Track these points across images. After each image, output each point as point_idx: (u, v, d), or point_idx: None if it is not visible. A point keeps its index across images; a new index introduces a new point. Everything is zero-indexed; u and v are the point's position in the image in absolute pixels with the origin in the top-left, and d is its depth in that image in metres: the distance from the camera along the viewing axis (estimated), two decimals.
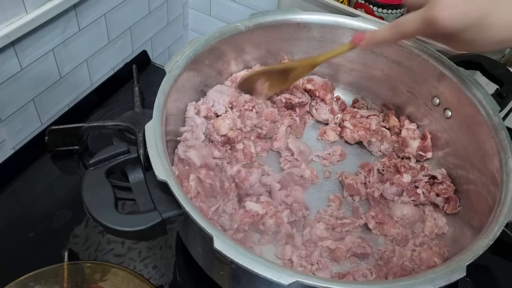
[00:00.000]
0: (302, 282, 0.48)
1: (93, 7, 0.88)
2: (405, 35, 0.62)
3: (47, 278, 0.61)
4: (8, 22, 0.73)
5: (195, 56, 0.68)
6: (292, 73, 0.76)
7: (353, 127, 0.80)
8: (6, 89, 0.79)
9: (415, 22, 0.57)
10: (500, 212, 0.56)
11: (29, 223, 0.74)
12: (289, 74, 0.76)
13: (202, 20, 1.22)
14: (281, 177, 0.73)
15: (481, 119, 0.66)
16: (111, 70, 1.03)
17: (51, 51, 0.84)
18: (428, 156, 0.77)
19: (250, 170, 0.70)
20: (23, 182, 0.80)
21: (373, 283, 0.59)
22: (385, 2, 0.85)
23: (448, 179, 0.72)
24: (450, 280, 0.49)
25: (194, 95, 0.74)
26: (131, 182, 0.60)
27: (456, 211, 0.70)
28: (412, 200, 0.72)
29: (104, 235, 0.74)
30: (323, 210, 0.72)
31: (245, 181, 0.69)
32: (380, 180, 0.75)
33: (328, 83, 0.84)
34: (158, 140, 0.57)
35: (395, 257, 0.65)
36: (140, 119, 0.84)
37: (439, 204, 0.71)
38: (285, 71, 0.76)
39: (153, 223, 0.54)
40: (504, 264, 0.76)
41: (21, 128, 0.87)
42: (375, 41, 0.64)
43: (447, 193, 0.70)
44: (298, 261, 0.66)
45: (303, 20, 0.77)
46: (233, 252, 0.49)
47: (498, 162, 0.62)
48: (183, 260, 0.73)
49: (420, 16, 0.56)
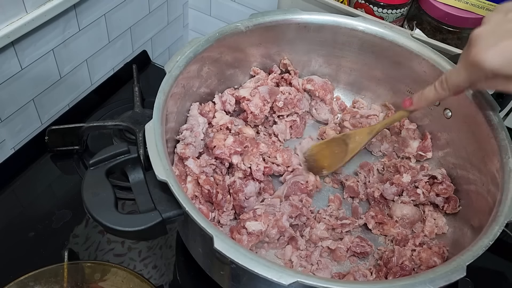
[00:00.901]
0: (302, 282, 0.48)
1: (93, 7, 0.88)
2: (453, 88, 0.57)
3: (47, 278, 0.61)
4: (8, 22, 0.73)
5: (195, 56, 0.68)
6: (350, 142, 0.73)
7: (353, 127, 0.80)
8: (6, 89, 0.79)
9: (459, 72, 0.54)
10: (500, 212, 0.56)
11: (29, 223, 0.74)
12: (347, 144, 0.74)
13: (202, 20, 1.22)
14: (287, 188, 0.71)
15: (481, 119, 0.66)
16: (111, 70, 1.03)
17: (51, 51, 0.84)
18: (428, 156, 0.77)
19: (246, 182, 0.68)
20: (23, 182, 0.80)
21: (373, 283, 0.59)
22: (385, 2, 0.85)
23: (448, 179, 0.72)
24: (450, 280, 0.49)
25: (194, 95, 0.74)
26: (131, 182, 0.60)
27: (456, 211, 0.70)
28: (412, 200, 0.71)
29: (104, 235, 0.74)
30: (323, 210, 0.72)
31: (239, 192, 0.67)
32: (380, 180, 0.76)
33: (328, 83, 0.84)
34: (158, 140, 0.57)
35: (395, 257, 0.65)
36: (140, 119, 0.84)
37: (439, 204, 0.71)
38: (342, 140, 0.74)
39: (153, 223, 0.54)
40: (504, 264, 0.76)
41: (21, 128, 0.87)
42: (422, 103, 0.63)
43: (447, 193, 0.70)
44: (298, 261, 0.66)
45: (303, 20, 0.77)
46: (233, 252, 0.49)
47: (498, 162, 0.62)
48: (183, 260, 0.73)
49: (462, 65, 0.54)
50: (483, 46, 0.50)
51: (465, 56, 0.53)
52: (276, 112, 0.79)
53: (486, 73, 0.51)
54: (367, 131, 0.73)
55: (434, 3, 0.83)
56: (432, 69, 0.73)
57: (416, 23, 0.87)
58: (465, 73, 0.54)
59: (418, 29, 0.85)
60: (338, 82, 0.87)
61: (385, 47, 0.77)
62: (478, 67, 0.51)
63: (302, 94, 0.83)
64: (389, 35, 0.76)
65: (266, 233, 0.64)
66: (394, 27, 0.77)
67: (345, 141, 0.74)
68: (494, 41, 0.50)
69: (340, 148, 0.74)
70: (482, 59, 0.50)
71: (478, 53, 0.50)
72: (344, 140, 0.74)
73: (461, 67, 0.54)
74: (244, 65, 0.81)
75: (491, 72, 0.51)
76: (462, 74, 0.54)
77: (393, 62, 0.78)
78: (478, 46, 0.51)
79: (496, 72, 0.50)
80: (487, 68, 0.50)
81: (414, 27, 0.87)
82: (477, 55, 0.50)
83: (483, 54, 0.50)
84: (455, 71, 0.56)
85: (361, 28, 0.77)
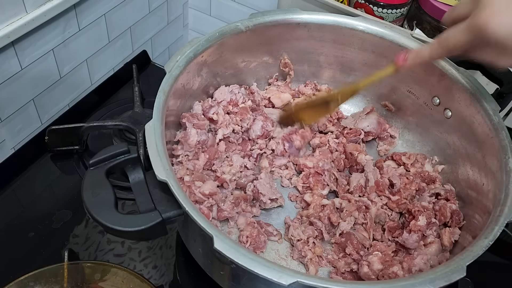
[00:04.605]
0: (302, 282, 0.48)
1: (93, 7, 0.88)
2: (451, 49, 0.54)
3: (47, 278, 0.61)
4: (8, 22, 0.73)
5: (195, 56, 0.68)
6: (332, 101, 0.72)
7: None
8: (6, 89, 0.79)
9: (461, 33, 0.52)
10: (500, 212, 0.56)
11: (29, 223, 0.74)
12: (329, 103, 0.72)
13: (202, 20, 1.22)
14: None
15: (481, 119, 0.66)
16: (111, 70, 1.03)
17: (51, 51, 0.84)
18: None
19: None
20: (23, 182, 0.80)
21: (373, 283, 0.59)
22: (385, 2, 0.85)
23: (453, 194, 0.71)
24: (450, 280, 0.49)
25: (194, 95, 0.74)
26: (131, 182, 0.60)
27: (460, 225, 0.68)
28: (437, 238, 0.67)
29: (104, 235, 0.74)
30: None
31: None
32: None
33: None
34: (158, 140, 0.57)
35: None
36: (140, 119, 0.84)
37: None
38: (325, 100, 0.73)
39: (153, 223, 0.54)
40: (504, 264, 0.76)
41: (21, 128, 0.87)
42: (419, 60, 0.60)
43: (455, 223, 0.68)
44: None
45: (303, 20, 0.77)
46: (233, 252, 0.49)
47: (498, 162, 0.62)
48: (183, 260, 0.73)
49: (466, 26, 0.51)
50: (493, 11, 0.48)
51: (472, 17, 0.50)
52: None
53: (489, 40, 0.49)
54: (350, 89, 0.70)
55: (434, 3, 0.83)
56: (432, 69, 0.73)
57: (416, 23, 0.87)
58: (468, 35, 0.51)
59: (418, 29, 0.85)
60: (338, 82, 0.87)
61: (385, 47, 0.77)
62: (482, 32, 0.49)
63: None
64: (389, 35, 0.76)
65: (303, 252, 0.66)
66: (394, 27, 0.77)
67: (327, 101, 0.73)
68: (505, 7, 0.47)
69: (321, 106, 0.73)
70: (488, 24, 0.48)
71: (488, 16, 0.48)
72: (326, 100, 0.73)
73: (465, 28, 0.51)
74: (244, 65, 0.81)
75: (495, 40, 0.48)
76: (464, 36, 0.51)
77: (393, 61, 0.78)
78: (487, 9, 0.48)
79: (499, 41, 0.48)
80: (493, 35, 0.48)
81: (414, 27, 0.87)
82: (487, 17, 0.48)
83: (493, 19, 0.47)
84: (457, 31, 0.53)
85: (361, 28, 0.77)
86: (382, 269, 0.61)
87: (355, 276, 0.65)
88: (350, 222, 0.68)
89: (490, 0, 0.49)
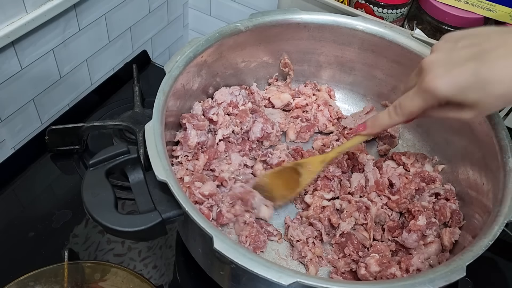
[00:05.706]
0: (302, 282, 0.48)
1: (93, 7, 0.88)
2: (407, 114, 0.57)
3: (47, 278, 0.61)
4: (8, 22, 0.73)
5: (195, 56, 0.68)
6: (303, 171, 0.70)
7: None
8: (6, 89, 0.79)
9: (412, 98, 0.54)
10: (500, 212, 0.56)
11: (29, 223, 0.74)
12: (299, 173, 0.70)
13: (202, 20, 1.22)
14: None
15: (481, 119, 0.66)
16: (111, 70, 1.03)
17: (51, 51, 0.84)
18: None
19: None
20: (23, 182, 0.80)
21: (373, 283, 0.59)
22: (385, 2, 0.85)
23: (453, 193, 0.71)
24: (450, 280, 0.49)
25: (194, 95, 0.74)
26: (131, 182, 0.60)
27: (460, 225, 0.68)
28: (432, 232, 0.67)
29: (104, 235, 0.74)
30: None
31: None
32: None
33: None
34: (158, 140, 0.57)
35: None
36: (140, 119, 0.84)
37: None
38: (294, 169, 0.71)
39: (153, 223, 0.54)
40: (504, 264, 0.76)
41: (21, 128, 0.87)
42: (376, 128, 0.63)
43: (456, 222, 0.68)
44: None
45: (303, 20, 0.77)
46: (233, 252, 0.49)
47: (498, 162, 0.62)
48: (183, 260, 0.73)
49: (415, 91, 0.54)
50: (436, 73, 0.50)
51: (418, 83, 0.53)
52: None
53: (439, 100, 0.51)
54: (320, 159, 0.70)
55: (434, 3, 0.83)
56: None
57: (416, 23, 0.87)
58: (419, 99, 0.53)
59: (418, 29, 0.85)
60: (338, 82, 0.87)
61: (385, 47, 0.77)
62: (431, 94, 0.51)
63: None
64: (389, 34, 0.76)
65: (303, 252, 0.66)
66: (394, 27, 0.77)
67: (297, 170, 0.71)
68: (447, 69, 0.50)
69: (292, 177, 0.71)
70: (435, 86, 0.50)
71: (432, 80, 0.50)
72: (296, 169, 0.71)
73: (415, 93, 0.54)
74: (244, 65, 0.81)
75: (445, 99, 0.51)
76: (416, 100, 0.54)
77: (393, 61, 0.78)
78: (431, 73, 0.51)
79: (449, 99, 0.51)
80: (440, 95, 0.50)
81: (414, 27, 0.87)
82: (431, 82, 0.51)
83: (436, 81, 0.50)
84: (409, 97, 0.55)
85: (361, 28, 0.77)
86: (380, 271, 0.61)
87: (355, 276, 0.65)
88: (350, 222, 0.68)
89: (433, 63, 0.51)
